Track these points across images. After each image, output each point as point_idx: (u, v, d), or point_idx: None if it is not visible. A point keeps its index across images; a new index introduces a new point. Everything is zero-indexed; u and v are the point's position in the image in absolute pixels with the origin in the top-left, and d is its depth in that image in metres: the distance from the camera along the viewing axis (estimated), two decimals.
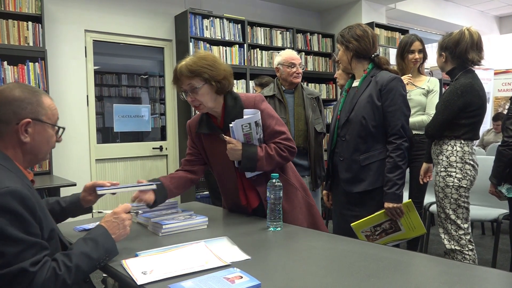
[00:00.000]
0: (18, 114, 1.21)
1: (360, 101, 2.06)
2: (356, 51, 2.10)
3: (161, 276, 1.16)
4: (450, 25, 6.75)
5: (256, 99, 1.83)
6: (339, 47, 2.18)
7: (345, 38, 2.12)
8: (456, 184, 2.30)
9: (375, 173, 2.02)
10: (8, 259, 1.05)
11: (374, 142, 2.04)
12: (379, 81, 2.03)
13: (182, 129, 4.67)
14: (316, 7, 5.92)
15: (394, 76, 2.04)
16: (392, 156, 1.99)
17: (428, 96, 2.93)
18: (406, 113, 2.04)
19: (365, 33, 2.10)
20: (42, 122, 1.26)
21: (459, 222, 2.30)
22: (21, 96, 1.23)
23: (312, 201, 1.98)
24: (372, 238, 2.06)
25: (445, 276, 1.14)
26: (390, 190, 1.97)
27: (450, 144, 2.34)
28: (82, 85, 4.17)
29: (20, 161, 1.26)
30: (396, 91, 2.00)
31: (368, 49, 2.10)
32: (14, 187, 1.10)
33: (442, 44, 2.40)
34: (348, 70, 2.22)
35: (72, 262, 1.15)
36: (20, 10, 3.56)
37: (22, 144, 1.24)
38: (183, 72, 1.74)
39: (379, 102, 2.01)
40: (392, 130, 2.00)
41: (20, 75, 3.56)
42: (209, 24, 4.67)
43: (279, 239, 1.57)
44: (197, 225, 1.72)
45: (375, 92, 2.02)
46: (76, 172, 3.97)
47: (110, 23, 4.33)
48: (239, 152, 1.73)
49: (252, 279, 1.10)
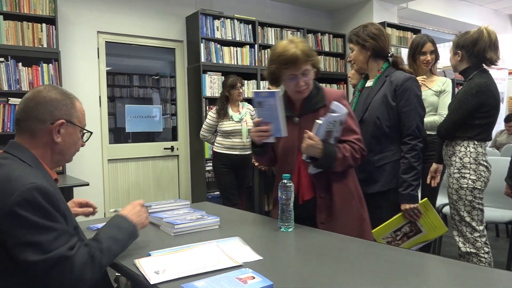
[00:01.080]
0: (53, 114, 1.26)
1: (374, 101, 2.03)
2: (374, 50, 2.07)
3: (174, 275, 1.16)
4: (463, 24, 6.67)
5: (339, 94, 1.81)
6: (353, 47, 2.14)
7: (361, 37, 2.08)
8: (471, 185, 2.27)
9: (389, 174, 2.00)
10: (45, 247, 1.09)
11: (388, 142, 2.02)
12: (394, 81, 2.01)
13: (193, 129, 4.70)
14: (326, 7, 5.90)
15: (409, 75, 2.02)
16: (407, 157, 1.96)
17: (440, 97, 2.90)
18: (421, 114, 2.01)
19: (380, 31, 2.07)
20: (74, 124, 1.32)
21: (474, 224, 2.27)
22: (57, 97, 1.29)
23: (366, 215, 1.84)
24: (394, 243, 2.02)
25: (459, 279, 1.13)
26: (406, 191, 1.95)
27: (463, 145, 2.31)
28: (94, 86, 4.22)
29: (47, 161, 1.30)
30: (411, 91, 1.98)
31: (385, 48, 2.08)
32: (40, 183, 1.13)
33: (458, 43, 2.37)
34: (363, 70, 2.18)
35: (104, 245, 1.21)
36: (34, 12, 3.61)
37: (54, 144, 1.28)
38: (300, 57, 1.70)
39: (394, 102, 1.99)
40: (407, 131, 1.97)
41: (34, 76, 3.61)
42: (220, 25, 4.68)
43: (291, 239, 1.57)
44: (209, 225, 1.72)
45: (389, 92, 2.00)
46: (89, 172, 4.01)
47: (122, 24, 4.37)
48: (318, 150, 1.66)
49: (265, 280, 1.10)
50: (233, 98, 3.79)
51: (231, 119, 3.75)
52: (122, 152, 4.45)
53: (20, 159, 1.22)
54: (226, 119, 3.75)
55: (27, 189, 1.10)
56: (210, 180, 4.50)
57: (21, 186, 1.10)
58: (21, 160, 1.22)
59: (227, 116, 3.75)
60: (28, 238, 1.08)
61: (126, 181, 4.47)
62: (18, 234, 1.08)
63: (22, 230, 1.08)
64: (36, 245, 1.08)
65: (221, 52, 4.68)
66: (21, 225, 1.08)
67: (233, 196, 3.79)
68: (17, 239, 1.08)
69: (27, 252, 1.07)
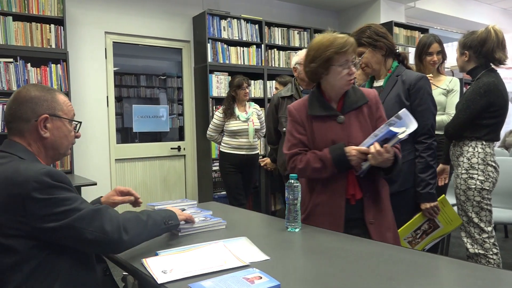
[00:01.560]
0: (36, 111, 1.28)
1: (388, 101, 1.99)
2: (388, 48, 2.03)
3: (181, 275, 1.17)
4: (471, 24, 6.62)
5: (375, 93, 1.82)
6: (363, 50, 2.04)
7: (372, 38, 2.02)
8: (479, 186, 2.25)
9: (405, 174, 1.97)
10: (77, 205, 1.17)
11: (403, 142, 1.96)
12: (407, 80, 1.98)
13: (200, 129, 4.71)
14: (333, 6, 5.88)
15: (421, 75, 2.00)
16: (424, 156, 1.95)
17: (448, 96, 2.88)
18: (434, 113, 2.01)
19: (384, 29, 2.05)
20: (59, 117, 1.33)
21: (482, 225, 2.26)
22: (36, 94, 1.30)
23: None
24: (414, 242, 2.03)
25: (468, 280, 1.12)
26: (424, 190, 1.94)
27: (471, 146, 2.30)
28: (102, 86, 4.25)
29: (43, 157, 1.32)
30: (425, 91, 1.97)
31: (394, 45, 2.06)
32: (50, 168, 1.19)
33: (465, 43, 2.35)
34: (375, 72, 2.10)
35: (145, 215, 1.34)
36: (43, 13, 3.65)
37: (43, 139, 1.30)
38: (354, 42, 1.74)
39: (408, 101, 1.97)
40: (422, 130, 1.94)
41: (42, 77, 3.65)
42: (227, 25, 4.69)
43: (298, 240, 1.56)
44: (215, 225, 1.72)
45: (403, 91, 1.97)
46: (96, 172, 4.04)
47: (129, 24, 4.39)
48: (389, 161, 1.63)
49: (272, 280, 1.10)
50: (240, 98, 3.79)
51: (237, 118, 3.75)
52: (129, 152, 4.47)
53: (18, 157, 1.24)
54: (233, 118, 3.76)
55: (41, 174, 1.14)
56: (216, 180, 4.51)
57: (34, 173, 1.14)
58: (19, 157, 1.25)
59: (233, 116, 3.76)
60: (58, 209, 1.14)
61: (133, 180, 4.49)
62: (47, 212, 1.13)
63: (48, 207, 1.13)
64: (68, 211, 1.15)
65: (227, 52, 4.69)
66: (46, 205, 1.13)
67: (240, 196, 3.79)
68: (47, 217, 1.13)
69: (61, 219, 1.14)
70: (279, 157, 2.91)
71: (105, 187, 4.22)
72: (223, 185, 4.09)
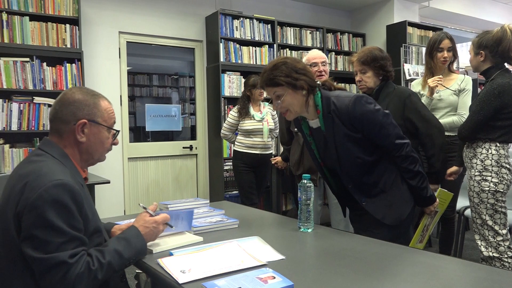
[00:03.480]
0: (76, 115, 1.31)
1: (340, 145, 1.73)
2: (309, 85, 1.71)
3: (200, 275, 1.17)
4: (486, 23, 6.52)
5: None
6: (280, 91, 1.70)
7: (292, 76, 1.67)
8: (493, 188, 2.22)
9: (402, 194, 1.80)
10: (51, 248, 1.12)
11: (379, 168, 1.77)
12: (342, 115, 1.69)
13: (212, 128, 4.73)
14: (346, 6, 5.85)
15: (352, 100, 1.68)
16: (405, 167, 1.77)
17: (460, 96, 2.82)
18: (389, 122, 1.73)
19: (302, 63, 1.75)
20: (97, 123, 1.34)
21: (496, 228, 2.23)
22: (80, 98, 1.33)
23: None
24: (423, 238, 2.04)
25: (484, 283, 1.11)
26: (422, 196, 1.84)
27: (485, 147, 2.27)
28: (116, 85, 4.29)
29: (77, 160, 1.34)
30: (366, 112, 1.68)
31: (313, 80, 1.74)
32: (66, 181, 1.18)
33: (480, 42, 2.32)
34: (298, 114, 1.79)
35: (105, 259, 1.20)
36: (58, 13, 3.70)
37: (79, 143, 1.32)
38: None
39: (359, 133, 1.71)
40: (389, 147, 1.75)
41: (58, 76, 3.70)
42: (239, 25, 4.70)
43: (311, 240, 1.57)
44: (228, 225, 1.73)
45: (347, 128, 1.70)
46: (109, 170, 4.08)
47: (142, 24, 4.43)
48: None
49: (285, 280, 1.10)
50: (255, 97, 3.80)
51: (252, 118, 3.76)
52: (142, 151, 4.51)
53: (52, 156, 1.27)
54: (248, 118, 3.76)
55: (52, 185, 1.14)
56: (228, 179, 4.52)
57: (48, 181, 1.15)
58: (53, 156, 1.27)
59: (248, 115, 3.77)
60: (38, 233, 1.12)
61: (146, 179, 4.53)
62: (32, 227, 1.12)
63: (37, 224, 1.12)
64: (42, 243, 1.12)
65: (240, 52, 4.70)
66: (37, 219, 1.12)
67: (252, 195, 3.80)
68: (28, 232, 1.12)
69: (32, 246, 1.12)
70: (291, 157, 2.90)
71: (118, 186, 4.27)
72: (236, 184, 4.09)
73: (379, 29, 5.69)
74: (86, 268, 1.15)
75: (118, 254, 1.24)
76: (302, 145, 2.73)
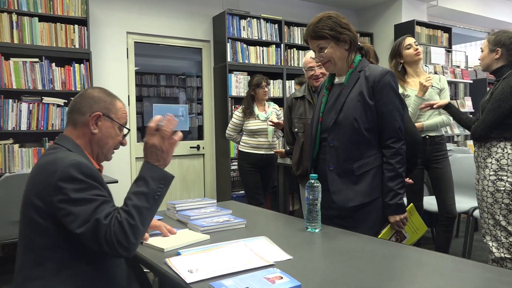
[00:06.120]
0: (92, 108, 1.40)
1: (349, 101, 1.76)
2: (352, 41, 1.79)
3: (208, 275, 1.17)
4: (495, 22, 6.46)
5: None
6: (324, 44, 1.80)
7: (336, 30, 1.78)
8: (508, 188, 2.20)
9: (371, 183, 1.76)
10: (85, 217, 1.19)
11: (367, 147, 1.76)
12: (370, 76, 1.75)
13: (219, 128, 4.73)
14: (353, 5, 5.82)
15: (386, 70, 1.77)
16: (392, 163, 1.72)
17: (441, 95, 2.83)
18: (402, 113, 1.78)
19: (346, 20, 1.84)
20: (111, 119, 1.43)
21: (510, 229, 2.20)
22: (99, 95, 1.44)
23: None
24: None
25: (494, 285, 1.10)
26: (393, 201, 1.73)
27: (500, 146, 2.24)
28: (123, 85, 4.31)
29: (89, 152, 1.42)
30: (390, 88, 1.74)
31: (357, 38, 1.84)
32: (79, 160, 1.26)
33: (498, 40, 2.32)
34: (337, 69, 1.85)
35: (128, 205, 1.26)
36: (67, 14, 3.72)
37: (92, 134, 1.40)
38: None
39: (372, 101, 1.74)
40: (389, 133, 1.73)
41: (66, 76, 3.72)
42: (246, 25, 4.70)
43: (318, 240, 1.56)
44: (235, 224, 1.73)
45: (366, 89, 1.74)
46: (117, 170, 4.10)
47: (150, 25, 4.45)
48: None
49: (293, 280, 1.10)
50: (259, 97, 3.80)
51: (257, 118, 3.76)
52: None
53: (67, 148, 1.35)
54: (252, 118, 3.76)
55: (68, 165, 1.22)
56: (235, 179, 4.52)
57: (64, 163, 1.23)
58: (67, 149, 1.34)
59: (253, 115, 3.76)
60: (71, 210, 1.20)
61: None
62: (64, 206, 1.20)
63: (66, 203, 1.20)
64: (77, 216, 1.19)
65: (247, 52, 4.70)
66: (64, 198, 1.20)
67: (258, 196, 3.79)
68: (64, 211, 1.20)
69: (72, 223, 1.19)
70: (292, 157, 2.89)
71: (126, 185, 4.28)
72: (242, 185, 4.09)
73: (387, 28, 5.65)
74: (116, 223, 1.21)
75: (137, 194, 1.28)
76: (301, 146, 2.72)
